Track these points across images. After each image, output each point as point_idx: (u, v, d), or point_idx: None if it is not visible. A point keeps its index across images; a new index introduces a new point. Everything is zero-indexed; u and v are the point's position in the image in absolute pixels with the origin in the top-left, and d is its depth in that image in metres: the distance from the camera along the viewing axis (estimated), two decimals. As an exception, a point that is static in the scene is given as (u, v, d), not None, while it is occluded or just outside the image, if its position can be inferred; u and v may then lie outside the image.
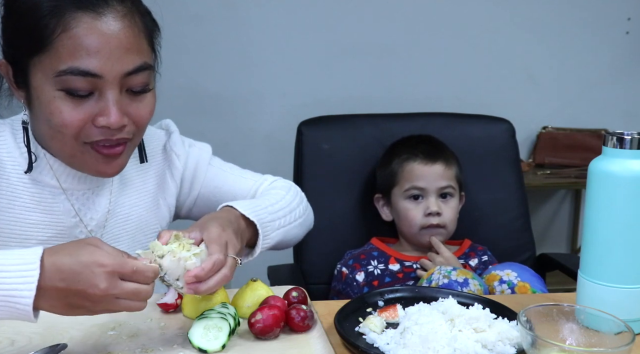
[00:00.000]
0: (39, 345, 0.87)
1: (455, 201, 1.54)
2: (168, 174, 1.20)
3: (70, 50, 0.91)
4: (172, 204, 1.21)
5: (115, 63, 0.93)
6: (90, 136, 0.96)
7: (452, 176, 1.53)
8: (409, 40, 2.80)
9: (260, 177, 1.26)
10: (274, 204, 1.12)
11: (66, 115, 0.93)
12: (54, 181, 1.04)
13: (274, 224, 1.09)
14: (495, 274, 1.34)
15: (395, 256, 1.52)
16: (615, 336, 0.80)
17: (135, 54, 0.95)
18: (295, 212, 1.17)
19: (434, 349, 0.82)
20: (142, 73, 0.97)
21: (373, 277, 1.49)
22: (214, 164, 1.24)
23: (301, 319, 0.92)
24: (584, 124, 2.95)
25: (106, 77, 0.93)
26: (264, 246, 1.07)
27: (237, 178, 1.24)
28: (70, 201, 1.06)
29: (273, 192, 1.19)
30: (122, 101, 0.96)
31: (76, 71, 0.91)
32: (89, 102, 0.94)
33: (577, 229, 3.07)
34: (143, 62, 0.97)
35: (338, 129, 1.69)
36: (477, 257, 1.54)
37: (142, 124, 1.01)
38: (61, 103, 0.93)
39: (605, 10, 2.88)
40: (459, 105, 2.01)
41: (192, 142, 1.24)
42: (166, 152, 1.20)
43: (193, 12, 2.65)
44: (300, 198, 1.23)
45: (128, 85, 0.96)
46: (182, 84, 2.68)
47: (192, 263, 0.86)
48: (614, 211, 0.92)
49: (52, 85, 0.93)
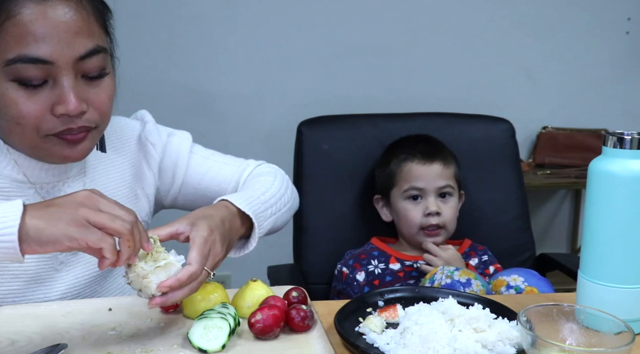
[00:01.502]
0: (39, 345, 0.87)
1: (455, 200, 1.54)
2: (144, 164, 1.18)
3: (16, 37, 0.89)
4: (151, 194, 1.20)
5: (65, 48, 0.90)
6: (52, 128, 0.94)
7: (451, 175, 1.53)
8: (409, 40, 2.80)
9: (242, 163, 1.25)
10: (265, 193, 1.11)
11: (22, 106, 0.91)
12: (21, 175, 1.02)
13: (266, 213, 1.08)
14: (502, 280, 1.34)
15: (395, 255, 1.52)
16: (615, 336, 0.80)
17: (85, 38, 0.92)
18: (284, 198, 1.17)
19: (434, 349, 0.82)
20: (96, 56, 0.94)
21: (374, 276, 1.49)
22: (195, 152, 1.22)
23: (301, 319, 0.92)
24: (584, 124, 2.95)
25: (58, 63, 0.90)
26: (258, 237, 1.06)
27: (221, 165, 1.23)
28: (40, 194, 1.04)
29: (262, 179, 1.18)
30: (79, 88, 0.93)
31: (25, 59, 0.89)
32: (43, 92, 0.92)
33: (577, 229, 3.07)
34: (95, 45, 0.94)
35: (338, 129, 1.70)
36: (477, 257, 1.54)
37: (103, 111, 0.98)
38: (15, 94, 0.91)
39: (605, 10, 2.88)
40: (458, 105, 2.01)
41: (171, 132, 1.22)
42: (141, 142, 1.19)
43: (193, 12, 2.65)
44: (286, 182, 1.22)
45: (83, 70, 0.94)
46: (182, 84, 2.68)
47: (149, 281, 0.84)
48: (614, 211, 0.92)
49: (4, 76, 0.90)
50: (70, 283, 1.07)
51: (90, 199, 0.81)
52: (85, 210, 0.80)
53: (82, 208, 0.80)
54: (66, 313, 0.99)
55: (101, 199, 0.82)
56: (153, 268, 0.85)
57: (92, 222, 0.79)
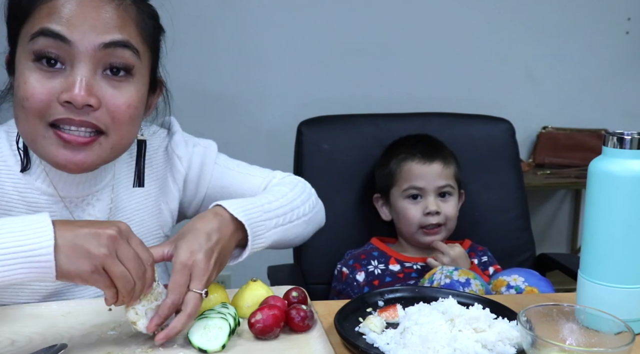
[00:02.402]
0: (39, 345, 0.87)
1: (455, 199, 1.54)
2: (170, 178, 1.15)
3: (44, 15, 0.88)
4: (175, 209, 1.17)
5: (89, 31, 0.88)
6: (53, 115, 0.90)
7: (451, 175, 1.53)
8: (409, 40, 2.80)
9: (269, 174, 1.21)
10: (272, 202, 1.07)
11: (30, 87, 0.89)
12: (51, 188, 1.01)
13: (269, 223, 1.03)
14: (502, 280, 1.34)
15: (395, 256, 1.53)
16: (615, 336, 0.80)
17: (114, 29, 0.90)
18: (299, 210, 1.11)
19: (434, 349, 0.82)
20: (122, 50, 0.91)
21: (373, 277, 1.49)
22: (219, 163, 1.19)
23: (301, 319, 0.92)
24: (584, 124, 2.95)
25: (77, 45, 0.88)
26: (256, 247, 1.02)
27: (245, 176, 1.19)
28: (68, 209, 1.03)
29: (276, 189, 1.13)
30: (95, 81, 0.91)
31: (47, 31, 0.87)
32: (57, 77, 0.89)
33: (577, 229, 3.07)
34: (123, 39, 0.91)
35: (338, 129, 1.70)
36: (477, 258, 1.54)
37: (117, 116, 0.93)
38: (30, 75, 0.89)
39: (605, 10, 2.88)
40: (458, 105, 2.01)
41: (196, 142, 1.19)
42: (168, 155, 1.16)
43: (193, 12, 2.65)
44: (307, 195, 1.17)
45: (105, 61, 0.91)
46: (183, 84, 2.65)
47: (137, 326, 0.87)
48: (614, 211, 0.92)
49: (27, 57, 0.90)
50: (89, 297, 1.06)
51: (114, 241, 0.80)
52: (106, 258, 0.79)
53: (103, 250, 0.79)
54: (66, 313, 0.99)
55: (124, 245, 0.81)
56: (144, 310, 0.86)
57: (107, 271, 0.80)
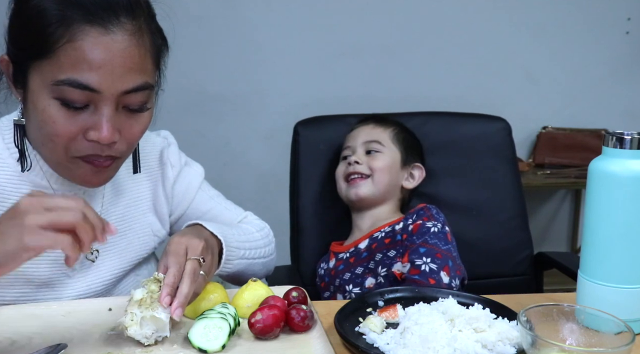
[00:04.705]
0: (39, 345, 0.87)
1: (385, 157, 1.52)
2: (160, 184, 1.19)
3: (72, 61, 0.89)
4: (165, 213, 1.20)
5: (115, 80, 0.91)
6: (80, 150, 0.95)
7: (385, 136, 1.54)
8: (409, 40, 2.80)
9: (241, 213, 1.29)
10: (242, 235, 1.14)
11: (59, 126, 0.92)
12: (44, 181, 1.03)
13: (238, 252, 1.11)
14: None
15: (333, 250, 1.54)
16: (615, 336, 0.80)
17: (137, 74, 0.93)
18: (261, 251, 1.19)
19: (434, 349, 0.82)
20: (141, 92, 0.95)
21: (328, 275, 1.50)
22: (203, 189, 1.25)
23: (301, 319, 0.92)
24: (584, 124, 2.95)
25: (104, 93, 0.91)
26: (225, 269, 1.08)
27: (222, 209, 1.26)
28: None
29: (244, 226, 1.21)
30: (117, 118, 0.94)
31: (75, 83, 0.89)
32: (82, 115, 0.92)
33: (577, 229, 3.07)
34: (144, 82, 0.95)
35: (334, 129, 1.69)
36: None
37: (132, 142, 1.00)
38: (55, 112, 0.91)
39: (605, 10, 2.88)
40: (458, 105, 2.00)
41: (188, 161, 1.25)
42: (162, 161, 1.20)
43: (193, 13, 2.65)
44: (269, 241, 1.25)
45: (125, 102, 0.94)
46: (183, 84, 2.68)
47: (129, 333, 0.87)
48: (614, 211, 0.92)
49: (49, 93, 0.91)
50: (81, 290, 1.07)
51: (32, 204, 0.80)
52: (32, 216, 0.78)
53: (27, 216, 0.78)
54: (66, 313, 0.99)
55: (44, 199, 0.81)
56: (140, 317, 0.87)
57: (43, 225, 0.78)
